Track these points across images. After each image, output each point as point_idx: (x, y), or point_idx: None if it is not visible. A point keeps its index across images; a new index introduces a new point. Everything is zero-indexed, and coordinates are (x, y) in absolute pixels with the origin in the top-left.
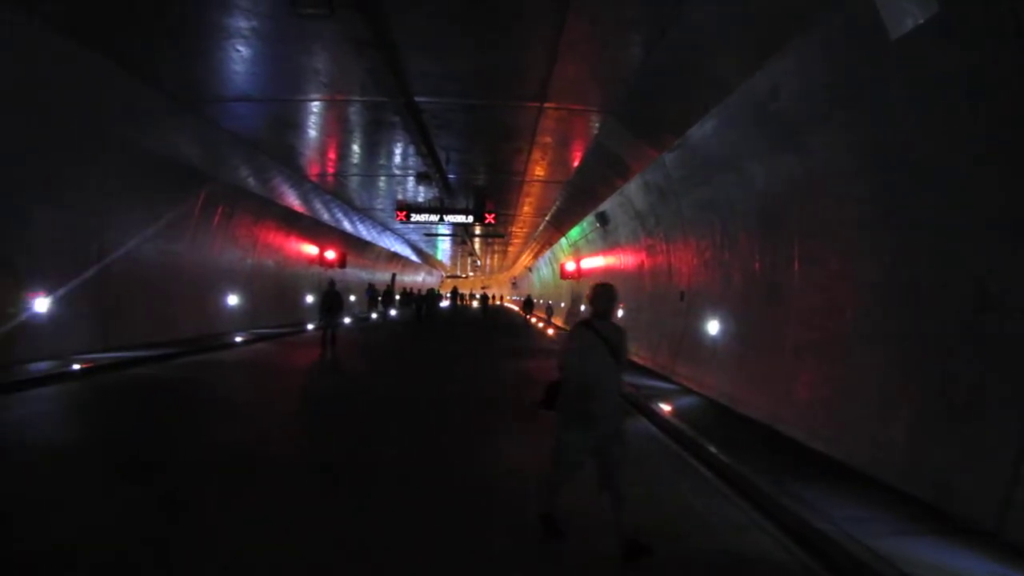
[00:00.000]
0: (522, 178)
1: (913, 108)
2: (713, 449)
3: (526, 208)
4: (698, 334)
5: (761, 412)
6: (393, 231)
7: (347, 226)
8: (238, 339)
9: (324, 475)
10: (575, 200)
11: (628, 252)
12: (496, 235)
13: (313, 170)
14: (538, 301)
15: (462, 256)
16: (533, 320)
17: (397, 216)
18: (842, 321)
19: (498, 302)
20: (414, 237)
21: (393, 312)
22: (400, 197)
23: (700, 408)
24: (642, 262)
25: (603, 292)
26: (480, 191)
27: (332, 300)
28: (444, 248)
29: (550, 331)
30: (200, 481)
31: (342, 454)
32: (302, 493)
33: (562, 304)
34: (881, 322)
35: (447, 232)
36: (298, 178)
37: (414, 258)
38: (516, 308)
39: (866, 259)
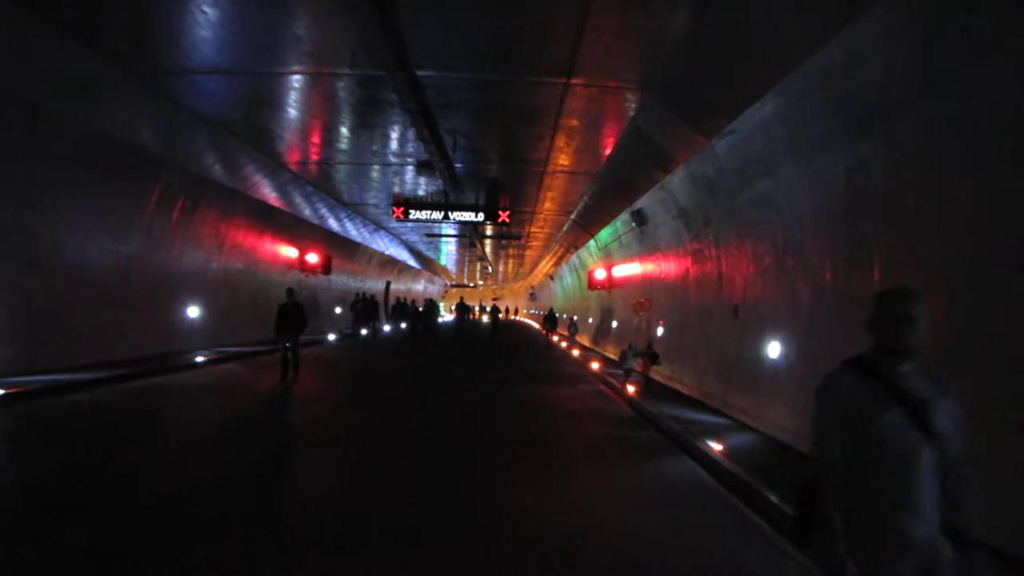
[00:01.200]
0: (543, 168)
1: None
2: (775, 499)
3: (548, 204)
4: (755, 358)
5: None
6: (388, 231)
7: (333, 224)
8: (199, 359)
9: None
10: (606, 195)
11: (670, 258)
12: (511, 236)
13: (293, 157)
14: (561, 315)
15: (470, 262)
16: (555, 339)
17: (393, 213)
18: (947, 344)
19: (513, 316)
20: (413, 239)
21: (387, 327)
22: (397, 190)
23: (758, 448)
24: (686, 270)
25: (900, 303)
26: (493, 184)
27: (289, 314)
28: (449, 252)
29: (575, 351)
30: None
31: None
32: None
33: (589, 320)
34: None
35: (453, 233)
36: (275, 167)
37: (413, 263)
38: (535, 324)
39: (977, 269)
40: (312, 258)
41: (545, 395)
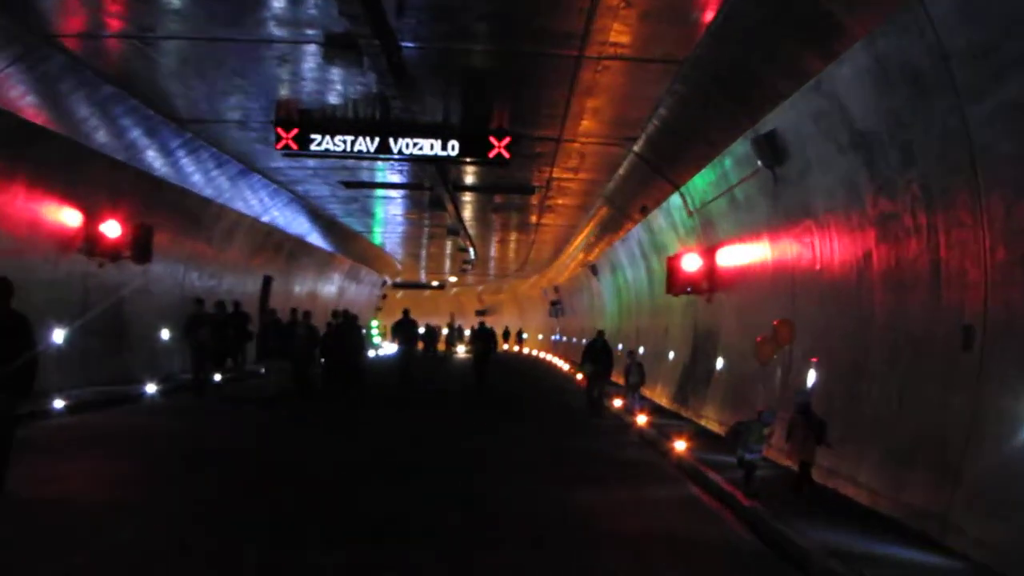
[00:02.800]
0: (579, 51)
1: None
2: None
3: (587, 124)
4: (1014, 434)
5: None
6: (268, 176)
7: (155, 162)
8: None
9: None
10: (704, 106)
11: (831, 230)
12: (514, 188)
13: (70, 23)
14: (617, 349)
15: (432, 240)
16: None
17: (278, 140)
18: None
19: (516, 346)
20: (319, 192)
21: (261, 368)
22: (285, 95)
23: None
24: (865, 253)
25: None
26: (477, 83)
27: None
28: (390, 220)
29: (678, 445)
30: None
31: None
32: None
33: (670, 354)
34: None
35: (398, 181)
36: (31, 42)
37: (319, 242)
38: (560, 362)
39: None
40: (112, 229)
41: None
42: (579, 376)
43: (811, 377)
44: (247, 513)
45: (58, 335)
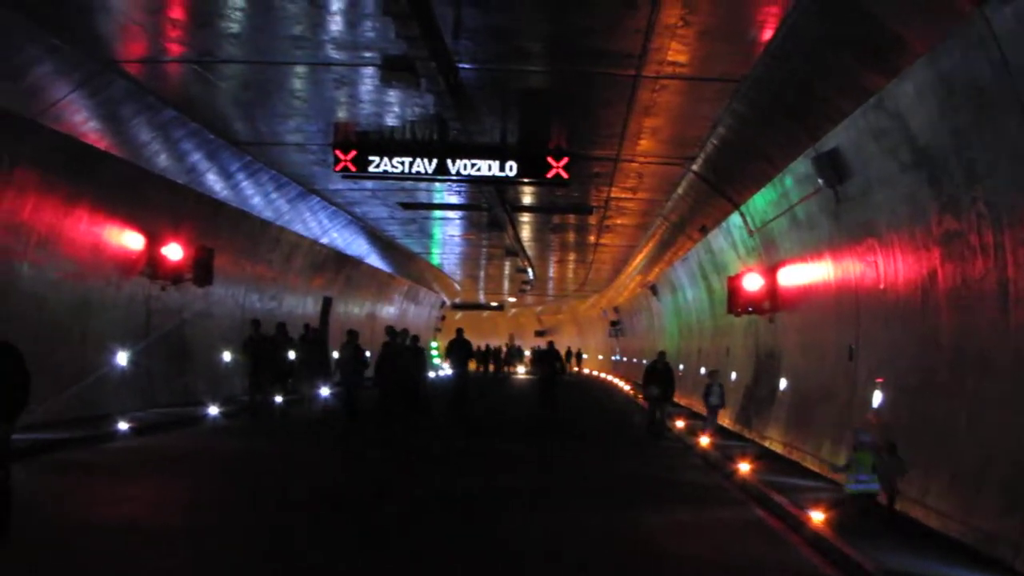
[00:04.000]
0: (637, 70)
1: None
2: None
3: (644, 144)
4: None
5: None
6: (327, 198)
7: (215, 184)
8: None
9: None
10: (764, 124)
11: (895, 249)
12: (572, 208)
13: (132, 48)
14: (679, 369)
15: (490, 261)
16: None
17: (337, 162)
18: None
19: (576, 367)
20: (377, 214)
21: (326, 391)
22: (343, 117)
23: None
24: (930, 271)
25: None
26: (534, 105)
27: None
28: (448, 240)
29: (742, 467)
30: None
31: None
32: None
33: (732, 375)
34: None
35: (456, 202)
36: (94, 68)
37: (379, 263)
38: (621, 383)
39: None
40: (174, 251)
41: None
42: (641, 397)
43: (877, 398)
44: (316, 541)
45: (122, 357)
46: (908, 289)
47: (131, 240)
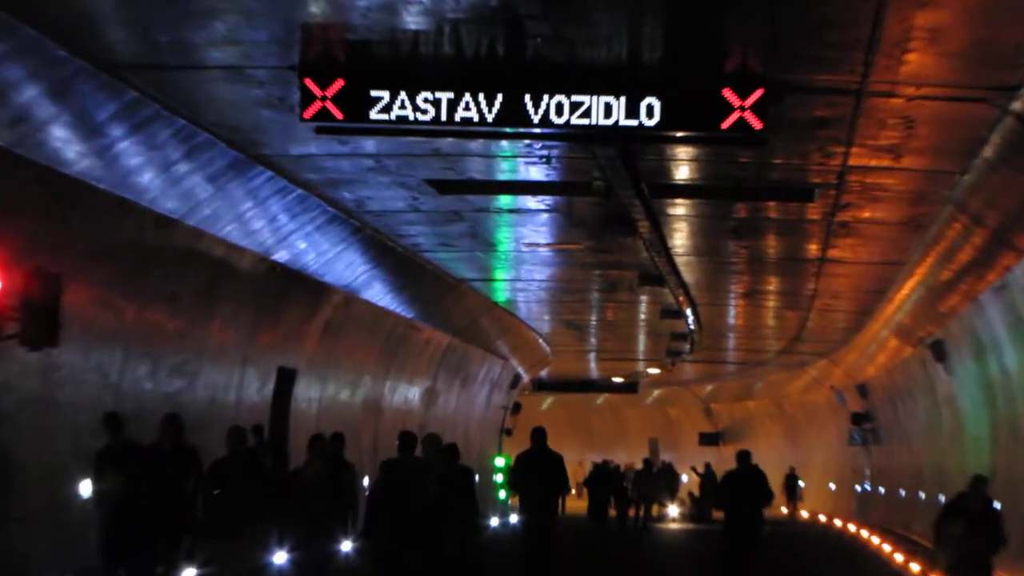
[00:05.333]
0: None
1: None
2: None
3: (915, 60)
4: None
5: None
6: (287, 172)
7: (65, 148)
8: None
9: None
10: None
11: None
12: (779, 192)
13: None
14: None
15: (609, 296)
16: None
17: (307, 101)
18: None
19: (795, 507)
20: (386, 202)
21: (280, 556)
22: (317, 12)
23: None
24: None
25: None
26: None
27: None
28: (525, 256)
29: None
30: None
31: None
32: None
33: None
34: None
35: (541, 179)
36: None
37: (387, 301)
38: (883, 545)
39: None
40: None
41: None
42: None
43: None
44: None
45: None
46: None
47: None
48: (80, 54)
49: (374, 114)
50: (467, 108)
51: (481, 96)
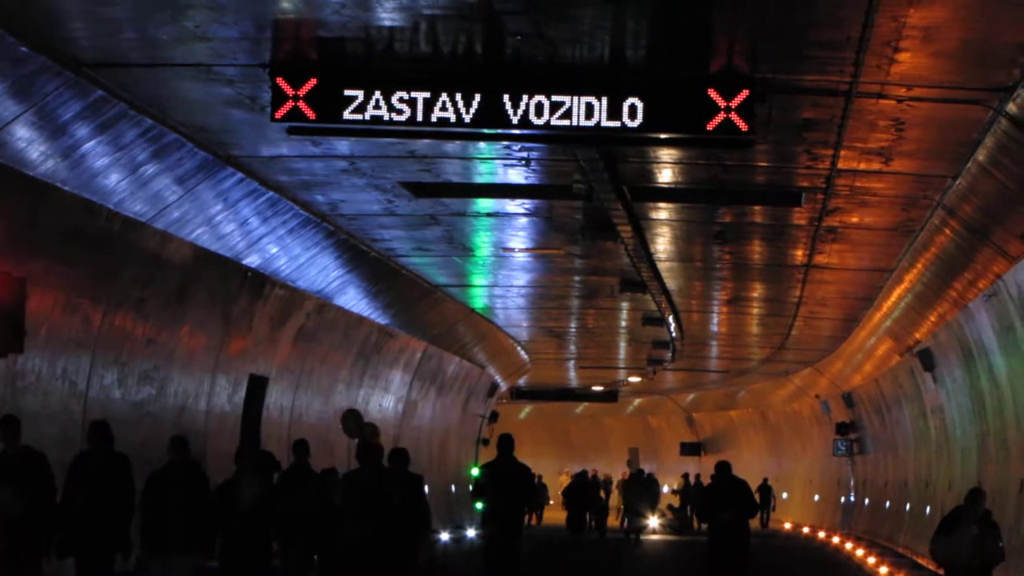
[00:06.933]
0: None
1: None
2: None
3: (908, 60)
4: None
5: None
6: (259, 176)
7: (28, 148)
8: None
9: None
10: None
11: None
12: (766, 195)
13: None
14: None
15: (590, 303)
16: None
17: (279, 100)
18: None
19: (767, 519)
20: (360, 205)
21: None
22: (289, 8)
23: None
24: None
25: None
26: None
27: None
28: (504, 261)
29: None
30: None
31: None
32: None
33: None
34: None
35: (523, 182)
36: None
37: (362, 307)
38: (863, 557)
39: None
40: None
41: None
42: None
43: None
44: None
45: None
46: None
47: None
48: (43, 51)
49: (347, 114)
50: (444, 108)
51: (458, 96)
